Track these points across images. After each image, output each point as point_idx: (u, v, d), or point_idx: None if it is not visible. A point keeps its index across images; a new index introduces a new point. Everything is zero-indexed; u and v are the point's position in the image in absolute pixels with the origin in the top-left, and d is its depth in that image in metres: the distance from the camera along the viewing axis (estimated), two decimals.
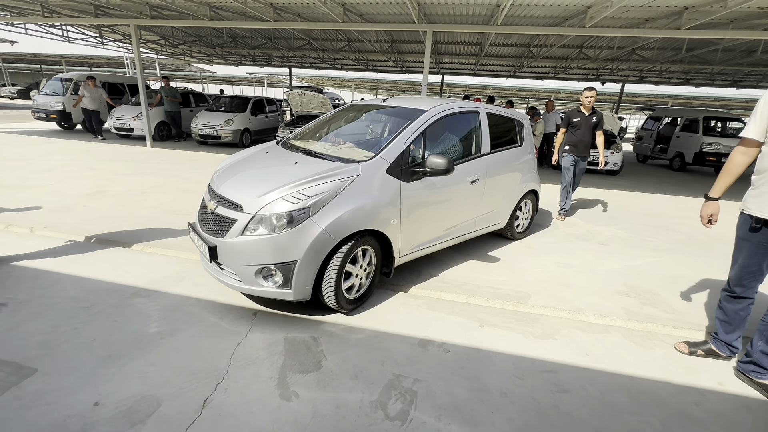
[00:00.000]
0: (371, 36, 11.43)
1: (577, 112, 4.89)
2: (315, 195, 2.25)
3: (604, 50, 10.66)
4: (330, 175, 2.37)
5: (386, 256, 2.70)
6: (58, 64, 28.37)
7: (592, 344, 2.39)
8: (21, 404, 1.68)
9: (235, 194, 2.38)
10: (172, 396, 1.78)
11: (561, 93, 25.92)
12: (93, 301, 2.51)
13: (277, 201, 2.22)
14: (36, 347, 2.05)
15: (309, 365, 2.04)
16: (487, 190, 3.46)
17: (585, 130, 4.81)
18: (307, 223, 2.20)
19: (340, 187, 2.33)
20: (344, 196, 2.33)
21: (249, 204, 2.27)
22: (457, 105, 3.26)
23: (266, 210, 2.21)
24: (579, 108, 4.91)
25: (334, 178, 2.35)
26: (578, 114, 4.87)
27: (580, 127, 4.83)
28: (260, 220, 2.21)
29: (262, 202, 2.23)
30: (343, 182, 2.36)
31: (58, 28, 11.56)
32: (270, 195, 2.25)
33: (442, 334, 2.40)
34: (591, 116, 4.81)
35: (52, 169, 6.22)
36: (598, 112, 4.85)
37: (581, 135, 4.83)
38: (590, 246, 4.16)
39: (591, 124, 4.81)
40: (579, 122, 4.83)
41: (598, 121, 4.82)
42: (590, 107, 4.81)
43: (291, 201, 2.22)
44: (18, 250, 3.20)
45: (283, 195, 2.24)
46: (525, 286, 3.10)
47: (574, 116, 4.87)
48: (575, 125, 4.85)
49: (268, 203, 2.22)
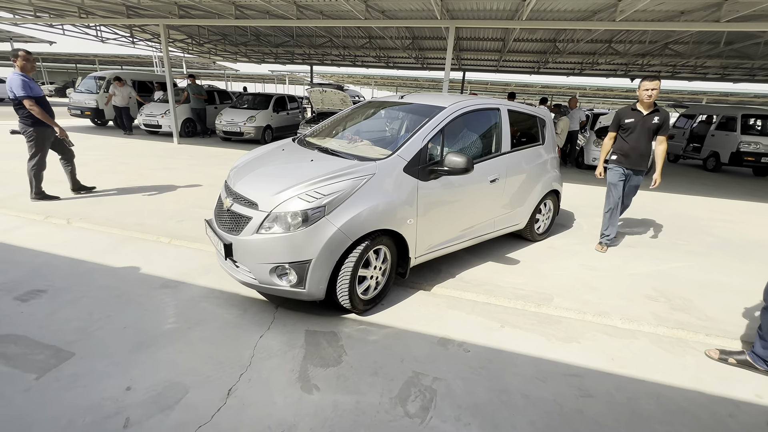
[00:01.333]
0: (392, 33, 11.39)
1: (632, 110, 3.64)
2: (330, 193, 2.23)
3: (635, 45, 10.25)
4: (346, 173, 2.35)
5: (402, 256, 2.67)
6: (92, 63, 29.67)
7: (618, 349, 2.32)
8: (60, 385, 1.78)
9: (251, 192, 2.39)
10: (199, 384, 1.84)
11: (587, 90, 25.12)
12: (124, 290, 2.62)
13: (292, 199, 2.21)
14: (73, 332, 2.16)
15: (329, 360, 2.07)
16: (507, 190, 3.38)
17: (642, 135, 3.59)
18: (322, 222, 2.19)
19: (355, 185, 2.31)
20: (360, 195, 2.30)
21: (264, 202, 2.27)
22: (477, 102, 3.19)
23: (281, 208, 2.20)
24: (634, 105, 3.64)
25: (350, 177, 2.33)
26: (633, 113, 3.62)
27: (634, 130, 3.60)
28: (275, 218, 2.21)
29: (277, 200, 2.23)
30: (358, 181, 2.33)
31: (92, 29, 12.07)
32: (285, 193, 2.24)
33: (462, 333, 2.38)
34: (651, 116, 3.57)
35: (86, 163, 6.51)
36: (662, 111, 3.57)
37: (635, 141, 3.61)
38: (617, 248, 4.02)
39: (651, 127, 3.57)
40: (633, 124, 3.59)
41: (661, 123, 3.56)
42: (651, 104, 3.57)
43: (306, 199, 2.20)
44: (56, 240, 3.38)
45: (298, 193, 2.23)
46: (548, 288, 3.03)
47: (627, 116, 3.66)
48: (627, 128, 3.64)
49: (283, 201, 2.21)
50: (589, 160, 9.00)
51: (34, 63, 4.25)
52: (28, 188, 4.42)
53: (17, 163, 6.21)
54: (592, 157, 8.93)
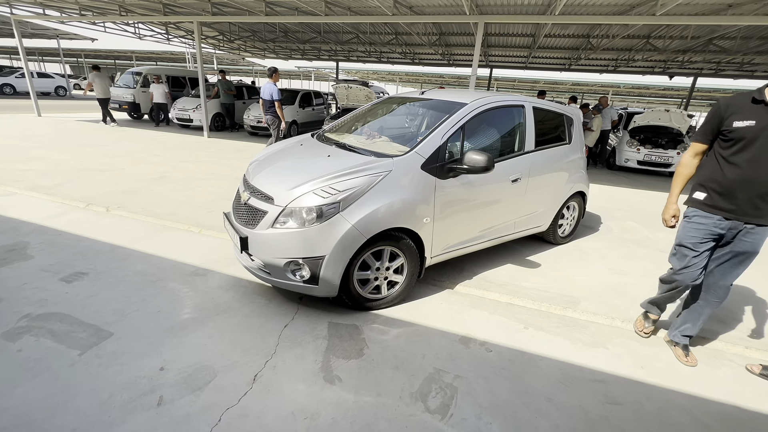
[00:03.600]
0: (419, 29, 11.30)
1: (752, 102, 1.89)
2: (346, 190, 2.23)
3: (676, 40, 9.73)
4: (362, 169, 2.33)
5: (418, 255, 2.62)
6: (129, 59, 31.06)
7: (648, 357, 2.23)
8: (101, 362, 1.89)
9: (267, 186, 2.41)
10: (226, 368, 1.91)
11: (621, 87, 24.06)
12: (158, 276, 2.76)
13: (307, 194, 2.22)
14: (112, 313, 2.29)
15: (351, 352, 2.10)
16: (530, 191, 3.29)
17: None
18: (337, 218, 2.19)
19: (371, 182, 2.29)
20: (376, 192, 2.28)
21: (280, 196, 2.28)
22: (501, 98, 3.10)
23: (296, 203, 2.21)
24: (756, 96, 1.88)
25: (366, 173, 2.31)
26: (754, 109, 1.87)
27: (754, 143, 1.87)
28: (290, 213, 2.22)
29: (293, 195, 2.24)
30: (375, 177, 2.31)
31: (131, 26, 12.62)
32: (300, 188, 2.25)
33: (484, 332, 2.36)
34: None
35: (123, 155, 6.85)
36: None
37: (756, 164, 1.88)
38: (648, 253, 3.86)
39: None
40: (755, 131, 1.85)
41: None
42: None
43: (321, 195, 2.21)
44: (96, 226, 3.58)
45: (314, 189, 2.23)
46: (574, 291, 2.95)
47: (741, 113, 1.90)
48: (740, 138, 1.90)
49: (299, 196, 2.22)
50: (621, 161, 8.65)
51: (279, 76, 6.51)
52: (73, 177, 4.69)
53: (65, 154, 6.61)
54: (624, 158, 8.59)
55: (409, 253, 2.48)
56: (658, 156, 8.29)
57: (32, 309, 2.28)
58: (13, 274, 2.66)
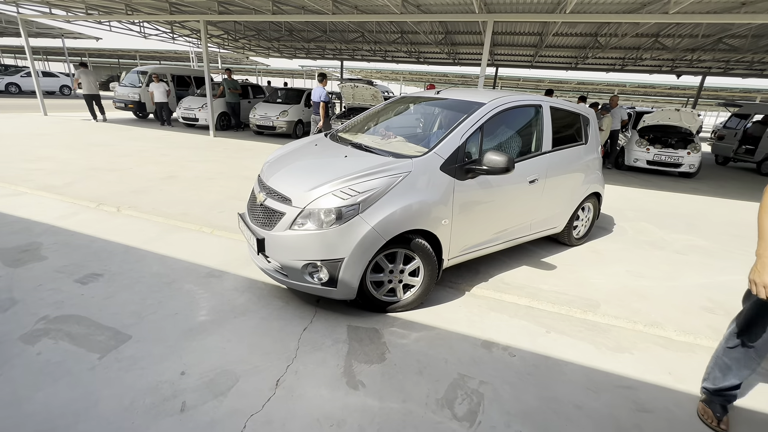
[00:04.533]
0: (426, 27, 11.24)
1: None
2: (365, 191, 2.19)
3: (685, 39, 9.64)
4: (381, 170, 2.29)
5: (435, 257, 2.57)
6: (132, 58, 31.13)
7: (675, 363, 2.19)
8: (120, 366, 1.87)
9: (285, 187, 2.37)
10: (248, 373, 1.88)
11: (627, 86, 23.92)
12: (174, 278, 2.73)
13: (326, 196, 2.18)
14: (129, 316, 2.26)
15: (373, 356, 2.07)
16: (547, 191, 3.25)
17: None
18: (356, 220, 2.15)
19: (391, 183, 2.25)
20: (395, 193, 2.24)
21: (298, 198, 2.24)
22: (518, 98, 3.05)
23: (315, 205, 2.18)
24: None
25: (386, 174, 2.27)
26: None
27: None
28: (308, 214, 2.18)
29: (311, 197, 2.20)
30: (394, 178, 2.27)
31: (136, 25, 12.62)
32: (319, 189, 2.21)
33: (506, 336, 2.32)
34: None
35: (131, 154, 6.83)
36: None
37: None
38: (666, 255, 3.81)
39: None
40: None
41: None
42: None
43: (340, 196, 2.17)
44: (108, 226, 3.56)
45: (333, 190, 2.19)
46: (593, 294, 2.91)
47: None
48: None
49: (317, 198, 2.19)
50: (630, 160, 8.58)
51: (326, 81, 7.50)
52: (82, 176, 4.68)
53: (73, 153, 6.60)
54: (634, 157, 8.51)
55: (425, 256, 2.43)
56: (668, 156, 8.21)
57: (49, 311, 2.26)
58: (28, 275, 2.64)
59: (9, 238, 3.18)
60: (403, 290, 2.52)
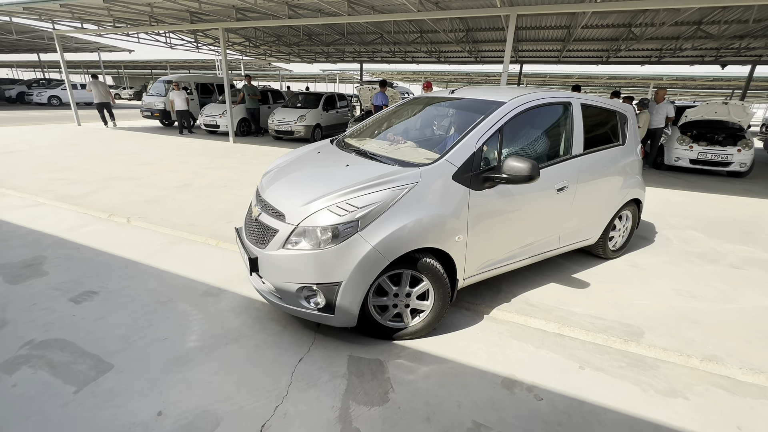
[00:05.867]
0: (446, 25, 10.89)
1: None
2: (365, 206, 1.95)
3: (733, 25, 8.78)
4: (384, 181, 2.04)
5: (449, 277, 2.27)
6: (163, 68, 32.45)
7: (745, 414, 1.79)
8: (96, 402, 1.70)
9: (279, 201, 2.17)
10: (231, 415, 1.66)
11: (664, 79, 22.45)
12: (170, 296, 2.58)
13: (321, 212, 1.96)
14: (116, 341, 2.11)
15: (374, 396, 1.80)
16: (578, 200, 2.86)
17: None
18: (355, 238, 1.91)
19: (395, 196, 2.00)
20: (400, 207, 1.99)
21: (292, 213, 2.03)
22: (544, 95, 2.69)
23: (309, 221, 1.96)
24: None
25: (389, 186, 2.02)
26: None
27: None
28: (302, 232, 1.97)
29: (305, 212, 1.99)
30: (399, 191, 2.01)
31: (162, 36, 13.00)
32: (314, 204, 2.00)
33: (531, 373, 1.99)
34: None
35: (151, 162, 6.91)
36: None
37: None
38: (720, 270, 3.32)
39: None
40: None
41: None
42: None
43: (337, 212, 1.94)
44: (115, 239, 3.49)
45: (328, 205, 1.97)
46: (635, 318, 2.51)
47: None
48: None
49: (312, 213, 1.97)
50: (670, 159, 7.87)
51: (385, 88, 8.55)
52: (101, 186, 4.70)
53: (96, 162, 6.75)
54: (675, 156, 7.81)
55: (435, 278, 2.13)
56: (715, 154, 7.46)
57: (36, 334, 2.14)
58: (25, 293, 2.56)
59: (17, 252, 3.16)
60: (411, 315, 2.24)
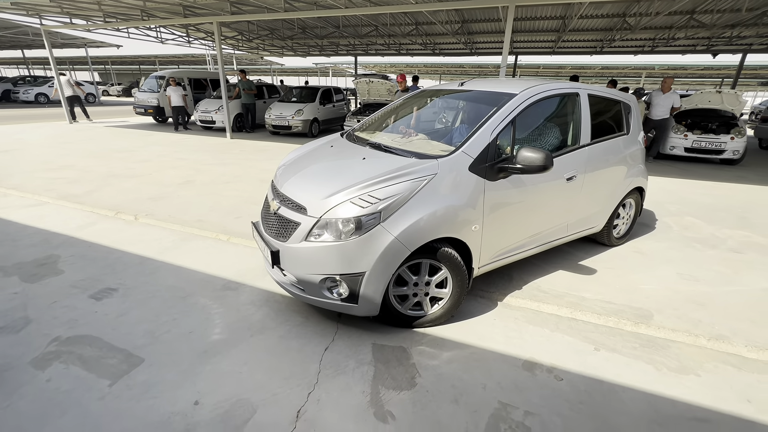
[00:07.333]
0: (442, 17, 10.85)
1: None
2: (386, 198, 1.99)
3: (725, 14, 8.89)
4: (403, 173, 2.08)
5: (465, 265, 2.33)
6: (152, 63, 31.85)
7: (753, 387, 1.88)
8: (132, 394, 1.74)
9: (299, 194, 2.20)
10: (266, 402, 1.71)
11: (655, 69, 22.64)
12: (189, 291, 2.60)
13: (343, 204, 2.00)
14: (142, 336, 2.14)
15: (402, 381, 1.86)
16: (585, 189, 2.94)
17: None
18: (377, 229, 1.96)
19: (415, 188, 2.04)
20: (420, 199, 2.04)
21: (313, 206, 2.07)
22: (553, 86, 2.74)
23: (332, 214, 2.00)
24: None
25: (409, 178, 2.06)
26: None
27: None
28: (325, 224, 2.01)
29: (328, 205, 2.02)
30: (418, 182, 2.06)
31: (153, 30, 12.76)
32: (336, 197, 2.03)
33: (549, 355, 2.07)
34: None
35: (149, 159, 6.86)
36: None
37: None
38: (720, 254, 3.43)
39: None
40: None
41: None
42: None
43: (359, 204, 1.98)
44: (125, 236, 3.49)
45: (351, 197, 2.01)
46: (643, 302, 2.61)
47: None
48: None
49: (334, 206, 2.01)
50: (665, 148, 8.00)
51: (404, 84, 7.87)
52: (102, 184, 4.67)
53: (94, 161, 6.67)
54: (670, 145, 7.93)
55: (453, 266, 2.20)
56: (709, 142, 7.60)
57: (62, 331, 2.16)
58: (44, 291, 2.57)
59: (28, 251, 3.15)
60: (430, 303, 2.31)
